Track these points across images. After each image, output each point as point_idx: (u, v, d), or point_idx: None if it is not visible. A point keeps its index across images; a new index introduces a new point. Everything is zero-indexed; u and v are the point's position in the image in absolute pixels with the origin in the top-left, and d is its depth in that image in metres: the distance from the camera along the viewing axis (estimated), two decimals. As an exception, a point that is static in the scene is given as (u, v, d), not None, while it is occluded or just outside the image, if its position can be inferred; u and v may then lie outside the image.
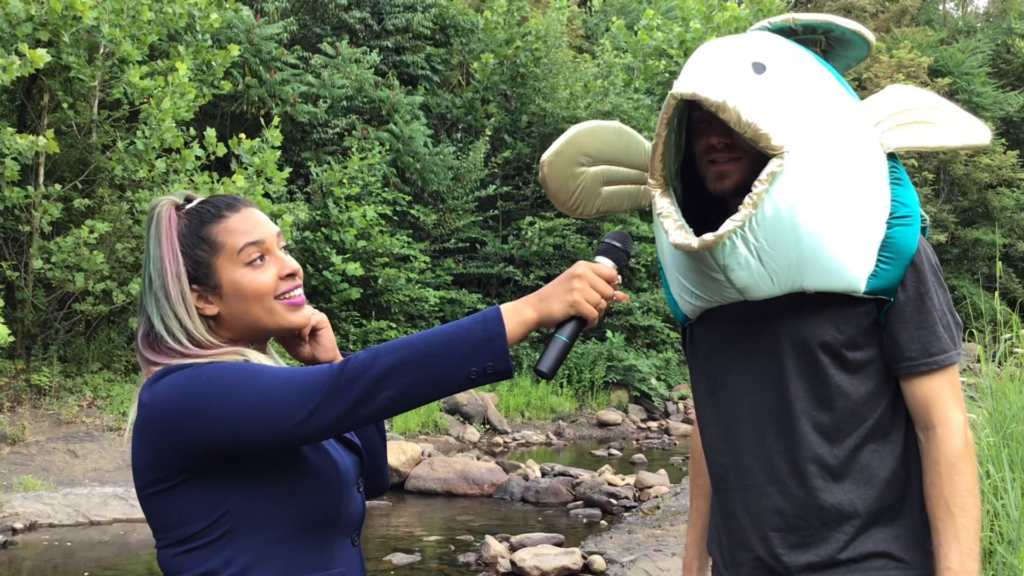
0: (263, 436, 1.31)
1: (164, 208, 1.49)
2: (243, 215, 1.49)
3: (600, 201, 1.91)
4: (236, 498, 1.39)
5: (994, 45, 31.04)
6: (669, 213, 1.60)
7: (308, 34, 15.96)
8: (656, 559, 6.18)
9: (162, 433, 1.36)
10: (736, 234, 1.51)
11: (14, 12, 8.51)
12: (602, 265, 1.41)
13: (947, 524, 1.53)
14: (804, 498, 1.61)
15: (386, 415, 1.31)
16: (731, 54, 1.58)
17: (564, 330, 1.38)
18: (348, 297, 13.11)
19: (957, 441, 1.55)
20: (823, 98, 1.58)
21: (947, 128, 1.63)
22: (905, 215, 1.57)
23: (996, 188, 26.07)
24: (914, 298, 1.58)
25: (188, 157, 9.98)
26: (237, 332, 1.49)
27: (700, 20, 20.42)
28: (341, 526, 1.50)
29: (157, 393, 1.37)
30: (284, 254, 1.52)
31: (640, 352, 15.89)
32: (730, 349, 1.70)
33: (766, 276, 1.54)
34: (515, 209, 16.83)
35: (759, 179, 1.49)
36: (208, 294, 1.47)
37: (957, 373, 1.62)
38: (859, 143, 1.57)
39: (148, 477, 1.40)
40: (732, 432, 1.70)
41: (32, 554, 6.57)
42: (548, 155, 1.88)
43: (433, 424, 12.27)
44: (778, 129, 1.49)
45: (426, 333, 1.32)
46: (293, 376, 1.33)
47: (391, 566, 6.50)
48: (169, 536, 1.41)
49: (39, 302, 10.17)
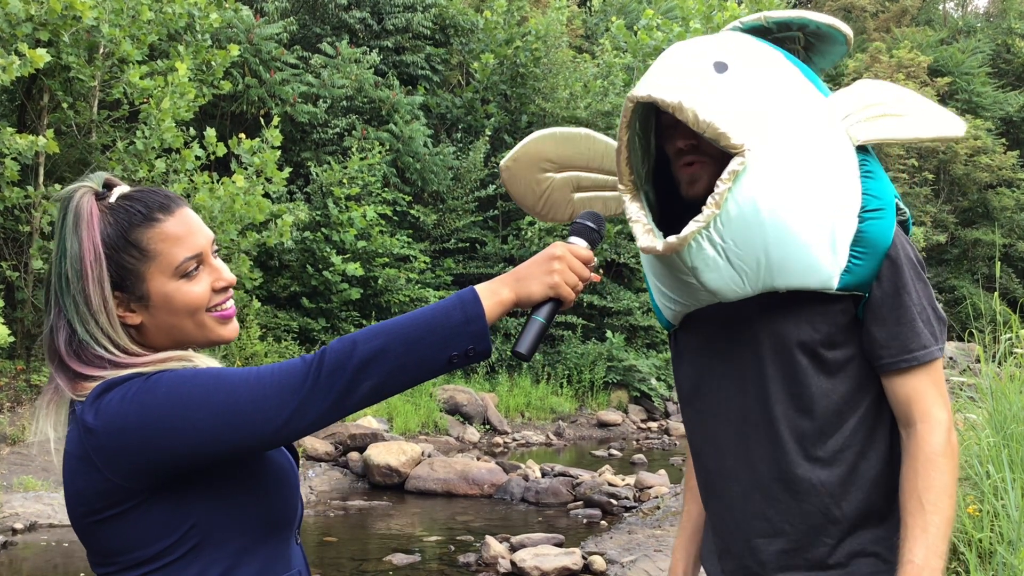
0: (241, 444, 1.24)
1: (84, 198, 1.33)
2: (178, 219, 1.35)
3: (571, 207, 1.89)
4: (202, 509, 1.30)
5: (994, 45, 31.03)
6: (638, 218, 1.58)
7: (308, 34, 15.96)
8: (656, 559, 6.17)
9: (119, 454, 1.24)
10: (702, 235, 1.49)
11: (14, 12, 8.50)
12: (579, 247, 1.40)
13: (916, 519, 1.47)
14: (789, 503, 1.58)
15: (368, 404, 1.26)
16: (693, 55, 1.56)
17: (542, 311, 1.36)
18: (348, 297, 13.12)
19: (938, 438, 1.51)
20: (786, 94, 1.55)
21: (918, 120, 1.58)
22: (877, 208, 1.53)
23: (996, 188, 26.06)
24: (891, 293, 1.54)
25: (188, 157, 9.98)
26: (160, 343, 1.37)
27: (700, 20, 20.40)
28: (295, 525, 1.46)
29: (105, 411, 1.24)
30: (217, 261, 1.41)
31: (640, 352, 15.89)
32: (710, 353, 1.68)
33: (736, 276, 1.52)
34: (515, 209, 16.81)
35: (721, 178, 1.47)
36: (132, 303, 1.34)
37: (940, 369, 1.57)
38: (825, 137, 1.54)
39: (98, 503, 1.27)
40: (715, 437, 1.68)
41: (32, 554, 6.57)
42: (505, 161, 1.86)
43: (433, 424, 12.26)
44: (737, 127, 1.47)
45: (404, 318, 1.27)
46: (264, 376, 1.25)
47: (391, 566, 6.50)
48: (123, 560, 1.29)
49: (39, 302, 10.16)
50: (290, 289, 13.23)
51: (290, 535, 1.44)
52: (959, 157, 25.09)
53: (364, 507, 8.60)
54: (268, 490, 1.38)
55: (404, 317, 1.28)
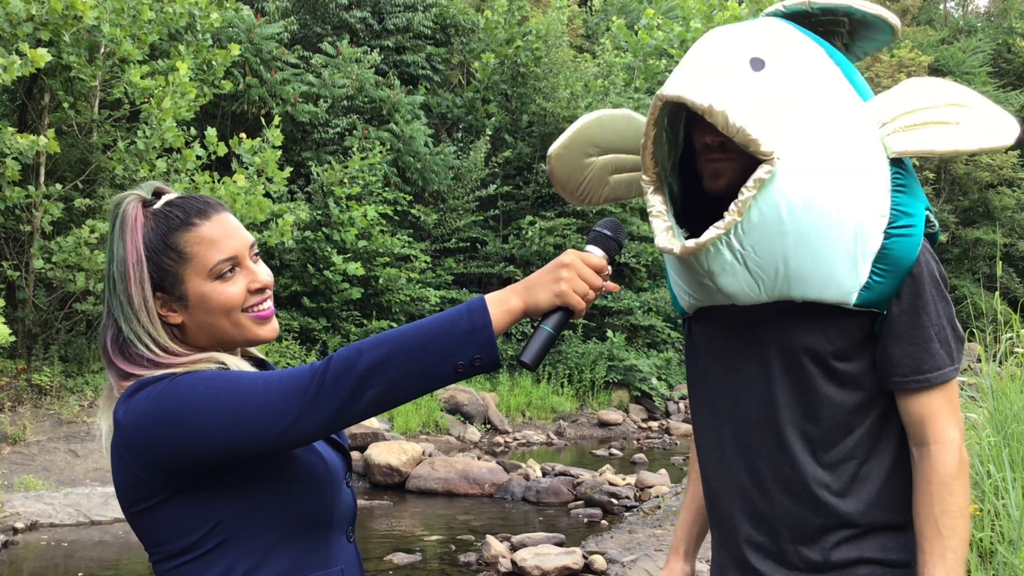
0: (247, 446, 1.27)
1: (130, 205, 1.41)
2: (215, 223, 1.42)
3: (608, 189, 1.85)
4: (228, 506, 1.35)
5: (995, 45, 31.04)
6: (659, 212, 1.55)
7: (308, 33, 15.96)
8: (657, 559, 6.17)
9: (141, 451, 1.30)
10: (721, 240, 1.46)
11: (15, 12, 8.51)
12: (591, 255, 1.37)
13: (934, 545, 1.47)
14: (787, 506, 1.57)
15: (373, 413, 1.27)
16: (729, 49, 1.51)
17: (549, 320, 1.33)
18: (349, 297, 13.12)
19: (951, 460, 1.49)
20: (822, 99, 1.50)
21: (964, 130, 1.49)
22: (905, 225, 1.49)
23: (997, 188, 26.05)
24: (909, 311, 1.51)
25: (189, 157, 9.98)
26: (202, 342, 1.43)
27: (700, 20, 20.41)
28: (336, 523, 1.47)
29: (132, 409, 1.31)
30: (256, 264, 1.46)
31: (641, 352, 15.89)
32: (721, 350, 1.66)
33: (753, 283, 1.50)
34: (516, 209, 16.83)
35: (746, 185, 1.43)
36: (173, 303, 1.41)
37: (955, 389, 1.55)
38: (858, 148, 1.49)
39: (132, 496, 1.35)
40: (719, 431, 1.67)
41: (33, 554, 6.57)
42: (555, 148, 1.81)
43: (434, 424, 12.27)
44: (769, 134, 1.43)
45: (410, 326, 1.27)
46: (273, 381, 1.28)
47: (392, 566, 6.51)
48: (162, 551, 1.37)
49: (40, 302, 10.18)
50: (291, 289, 13.23)
51: (329, 532, 1.45)
52: (960, 156, 25.09)
53: (365, 506, 8.61)
54: (296, 489, 1.40)
55: (410, 325, 1.27)
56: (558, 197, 16.45)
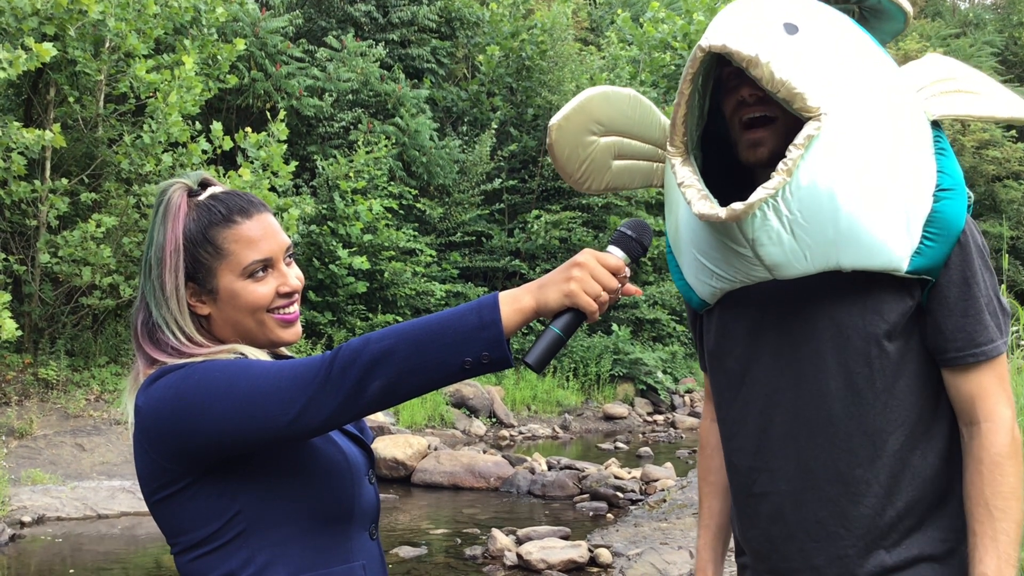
0: (257, 435, 1.27)
1: (176, 193, 1.43)
2: (255, 223, 1.43)
3: (610, 175, 1.76)
4: (248, 497, 1.35)
5: (1002, 38, 30.91)
6: (692, 183, 1.45)
7: (313, 27, 15.95)
8: (662, 552, 6.18)
9: (159, 438, 1.32)
10: (768, 204, 1.37)
11: (20, 6, 8.51)
12: (609, 255, 1.29)
13: (985, 527, 1.41)
14: (845, 506, 1.49)
15: (381, 405, 1.25)
16: (762, 12, 1.44)
17: (558, 321, 1.27)
18: (354, 291, 13.13)
19: (1004, 439, 1.44)
20: (862, 61, 1.43)
21: (991, 99, 1.49)
22: (950, 187, 1.44)
23: (1003, 181, 25.95)
24: (958, 282, 1.45)
25: (194, 151, 9.99)
26: (226, 336, 1.44)
27: (704, 13, 20.35)
28: (357, 518, 1.46)
29: (151, 396, 1.33)
30: (289, 268, 1.47)
31: (646, 345, 15.88)
32: (759, 339, 1.56)
33: (799, 252, 1.40)
34: (521, 202, 16.82)
35: (794, 143, 1.35)
36: (203, 294, 1.42)
37: (1005, 364, 1.49)
38: (902, 109, 1.43)
39: (153, 483, 1.37)
40: (764, 432, 1.56)
41: (40, 547, 6.60)
42: (557, 119, 1.70)
43: (439, 418, 12.28)
44: (814, 89, 1.36)
45: (419, 320, 1.25)
46: (284, 370, 1.27)
47: (398, 559, 6.52)
48: (182, 541, 1.38)
49: (46, 296, 10.20)
50: (296, 283, 13.24)
51: (350, 528, 1.45)
52: (967, 149, 25.00)
53: (371, 500, 8.61)
54: (315, 482, 1.40)
55: (420, 319, 1.26)
56: (564, 190, 16.43)
